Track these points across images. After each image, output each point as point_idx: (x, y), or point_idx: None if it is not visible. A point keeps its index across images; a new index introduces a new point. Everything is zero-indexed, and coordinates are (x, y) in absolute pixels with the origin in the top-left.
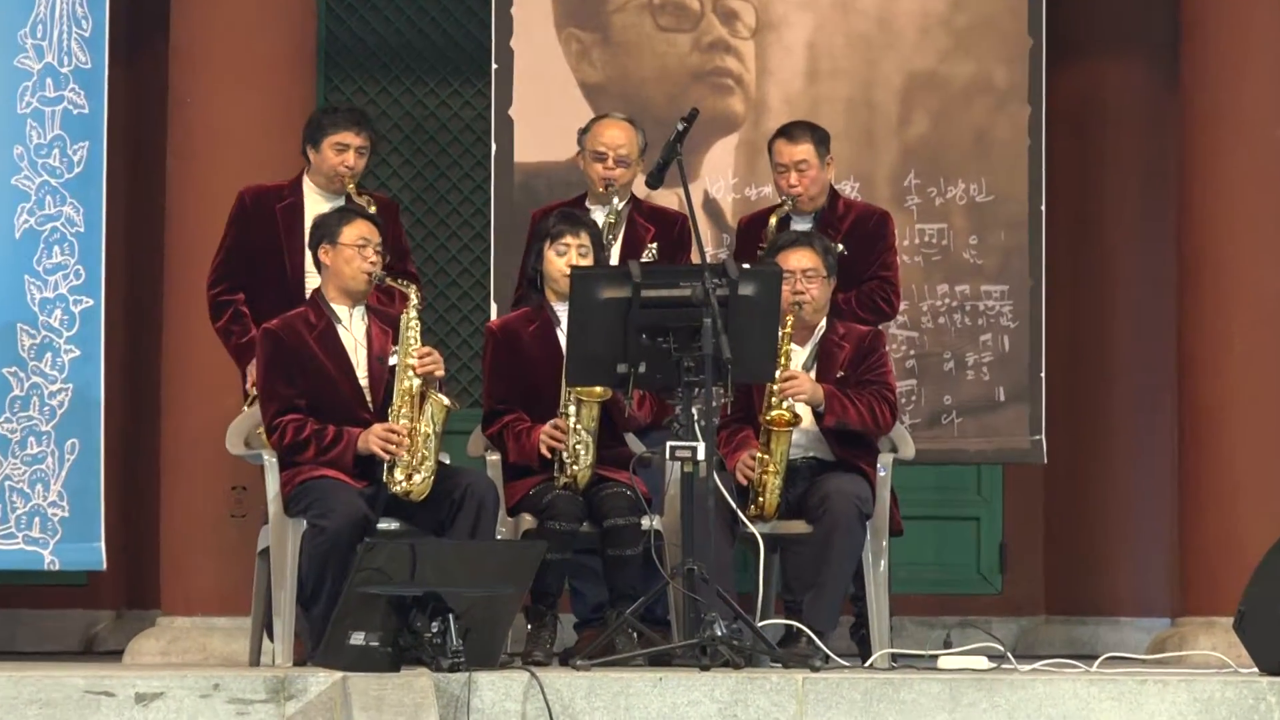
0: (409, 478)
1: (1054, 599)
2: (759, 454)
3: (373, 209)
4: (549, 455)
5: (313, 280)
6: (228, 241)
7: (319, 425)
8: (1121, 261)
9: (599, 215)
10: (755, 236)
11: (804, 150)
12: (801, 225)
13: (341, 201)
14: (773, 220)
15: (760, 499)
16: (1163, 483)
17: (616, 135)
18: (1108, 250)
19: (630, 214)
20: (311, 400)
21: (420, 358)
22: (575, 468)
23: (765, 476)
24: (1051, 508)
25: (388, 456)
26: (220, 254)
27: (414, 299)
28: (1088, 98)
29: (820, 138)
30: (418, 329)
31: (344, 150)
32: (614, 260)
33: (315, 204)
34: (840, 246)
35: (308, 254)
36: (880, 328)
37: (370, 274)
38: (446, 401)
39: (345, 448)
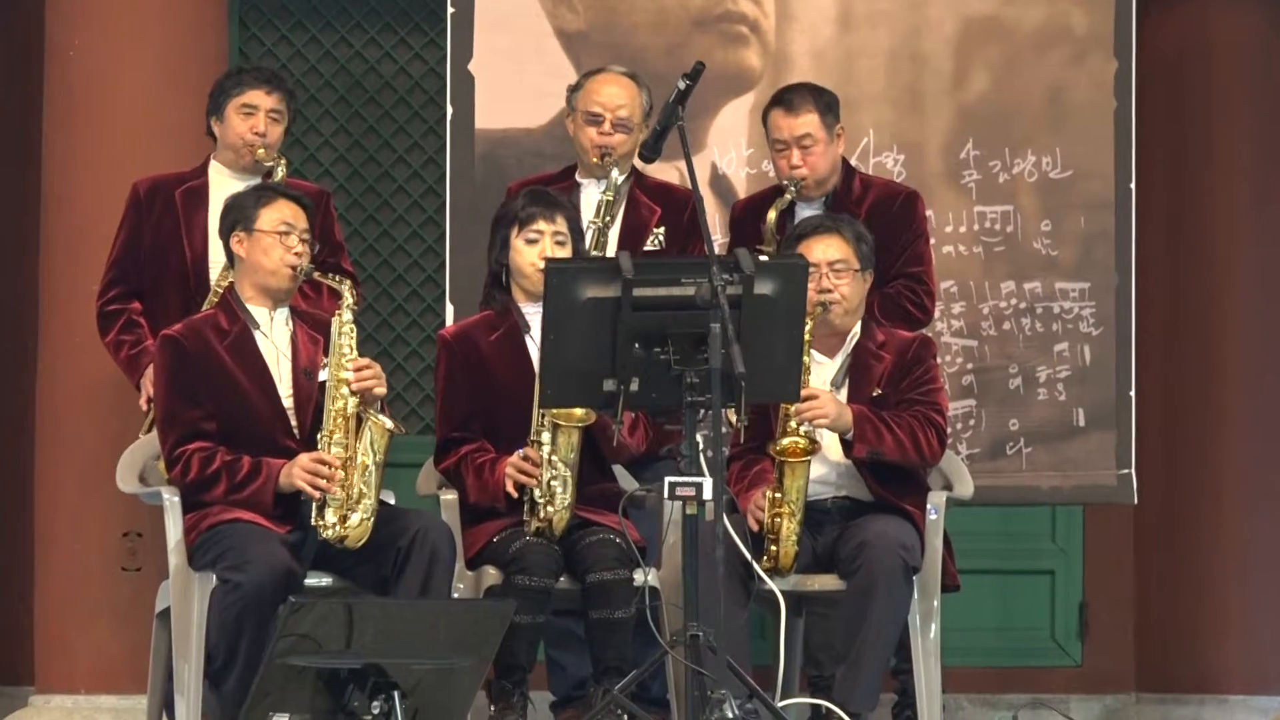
0: (343, 520)
1: (1146, 673)
2: (770, 492)
3: (282, 170)
4: (517, 494)
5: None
6: (119, 242)
7: (231, 456)
8: (1230, 253)
9: (592, 192)
10: (754, 227)
11: (807, 122)
12: (811, 212)
13: (256, 182)
14: (771, 215)
15: (773, 547)
16: None
17: (615, 93)
18: (1213, 239)
19: (631, 191)
20: (222, 424)
21: (356, 371)
22: (550, 509)
23: (779, 519)
24: (1143, 560)
25: (316, 494)
26: (110, 258)
27: (348, 298)
28: (1188, 49)
29: (827, 104)
30: (353, 336)
31: (252, 113)
32: (612, 247)
33: (224, 186)
34: None
35: (212, 244)
36: (928, 333)
37: (295, 267)
38: (389, 424)
39: (264, 483)
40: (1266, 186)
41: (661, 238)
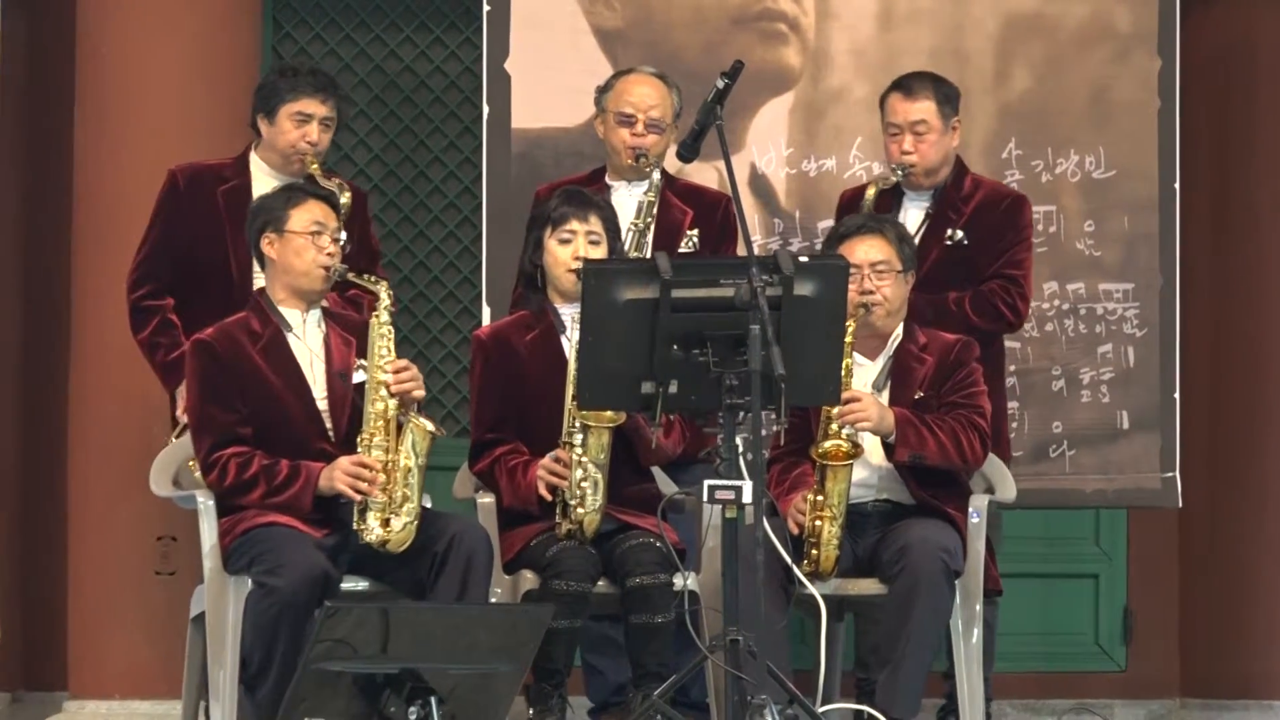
0: (385, 524)
1: (1191, 678)
2: (811, 495)
3: (345, 196)
4: (549, 496)
5: (262, 281)
6: (155, 233)
7: (268, 460)
8: (1276, 253)
9: (626, 193)
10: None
11: (924, 108)
12: (918, 205)
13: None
14: (870, 192)
15: (814, 551)
16: None
17: (647, 94)
18: (1260, 239)
19: (662, 193)
20: (257, 428)
21: (395, 373)
22: (580, 511)
23: (820, 523)
24: (1188, 563)
25: (358, 497)
26: (144, 249)
27: (384, 299)
28: (1234, 47)
29: (946, 94)
30: (390, 337)
31: (306, 122)
32: (649, 251)
33: (267, 188)
34: (960, 234)
35: None
36: (975, 339)
37: (328, 268)
38: (430, 426)
39: (303, 487)
40: None
41: (695, 239)
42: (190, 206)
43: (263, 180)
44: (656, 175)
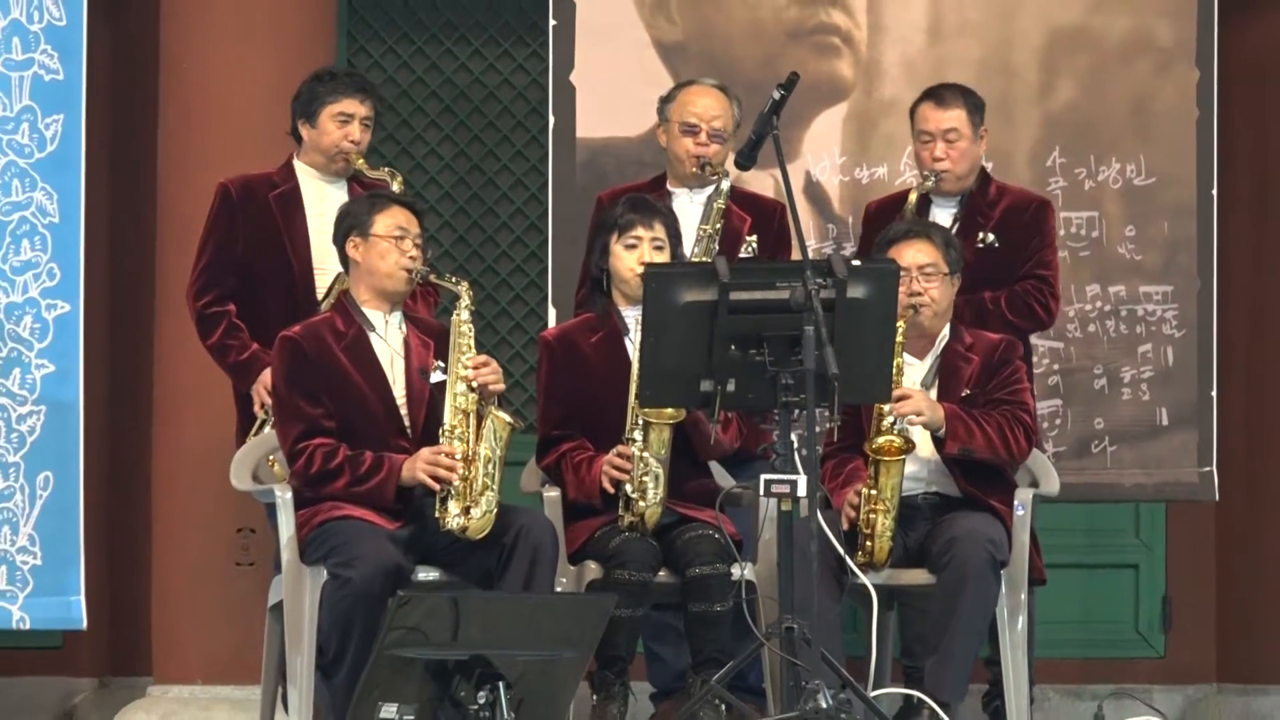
0: (466, 511)
1: (1228, 664)
2: (865, 489)
3: (397, 183)
4: (613, 490)
5: (323, 279)
6: (211, 243)
7: (353, 451)
8: None
9: (686, 199)
10: (888, 225)
11: (955, 117)
12: (946, 210)
13: (344, 185)
14: (912, 198)
15: (869, 543)
16: None
17: (710, 104)
18: None
19: None
20: (340, 423)
21: (476, 368)
22: (642, 504)
23: (874, 515)
24: (1225, 554)
25: (438, 486)
26: (203, 259)
27: (465, 299)
28: (1270, 58)
29: (974, 104)
30: (471, 335)
31: (347, 122)
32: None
33: (314, 189)
34: (991, 237)
35: (314, 249)
36: (1014, 337)
37: (411, 270)
38: (509, 418)
39: (386, 477)
40: None
41: (754, 245)
42: (245, 215)
43: (309, 183)
44: (726, 183)
